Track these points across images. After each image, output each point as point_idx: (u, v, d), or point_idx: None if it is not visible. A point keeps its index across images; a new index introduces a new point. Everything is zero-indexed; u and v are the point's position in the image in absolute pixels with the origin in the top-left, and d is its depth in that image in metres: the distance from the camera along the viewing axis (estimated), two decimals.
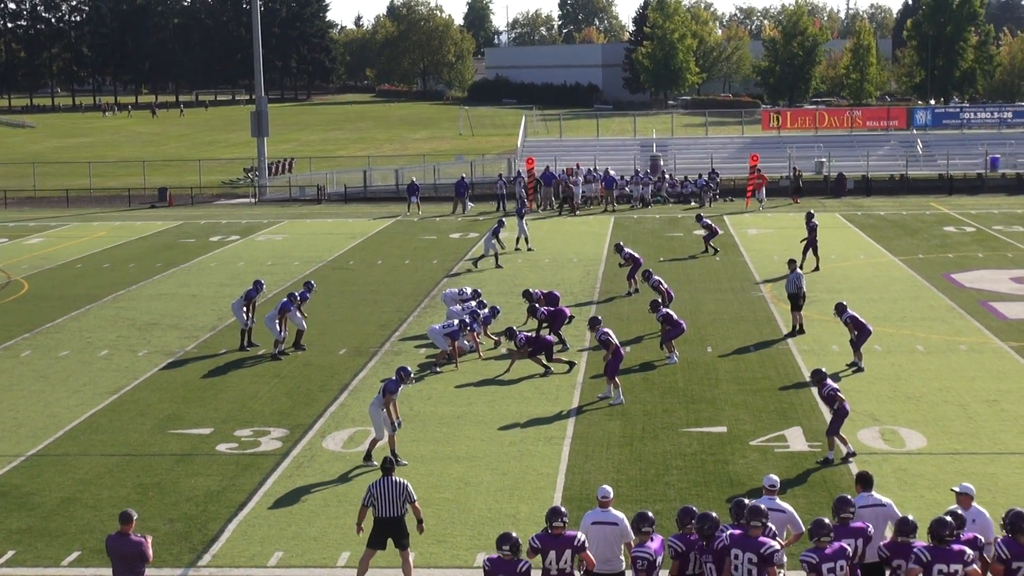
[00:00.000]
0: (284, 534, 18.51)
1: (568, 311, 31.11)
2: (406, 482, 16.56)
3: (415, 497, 16.54)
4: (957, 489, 14.91)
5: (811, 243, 40.38)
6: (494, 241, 43.57)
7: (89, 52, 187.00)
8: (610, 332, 26.00)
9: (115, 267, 44.89)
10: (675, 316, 29.14)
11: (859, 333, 27.38)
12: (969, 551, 13.31)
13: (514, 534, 13.88)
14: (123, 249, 49.82)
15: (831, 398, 21.27)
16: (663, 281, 33.09)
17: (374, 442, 21.70)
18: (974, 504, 14.78)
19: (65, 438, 23.72)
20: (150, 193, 70.44)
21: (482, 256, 44.20)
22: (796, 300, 31.34)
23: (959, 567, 13.19)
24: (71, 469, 21.77)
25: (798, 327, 31.32)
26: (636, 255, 37.43)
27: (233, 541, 18.31)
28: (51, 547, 18.16)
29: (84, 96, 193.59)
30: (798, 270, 31.93)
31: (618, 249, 38.52)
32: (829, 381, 21.53)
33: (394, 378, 21.94)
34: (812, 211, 43.44)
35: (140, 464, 22.00)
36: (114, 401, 26.29)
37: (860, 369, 27.41)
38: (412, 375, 22.79)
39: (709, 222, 45.41)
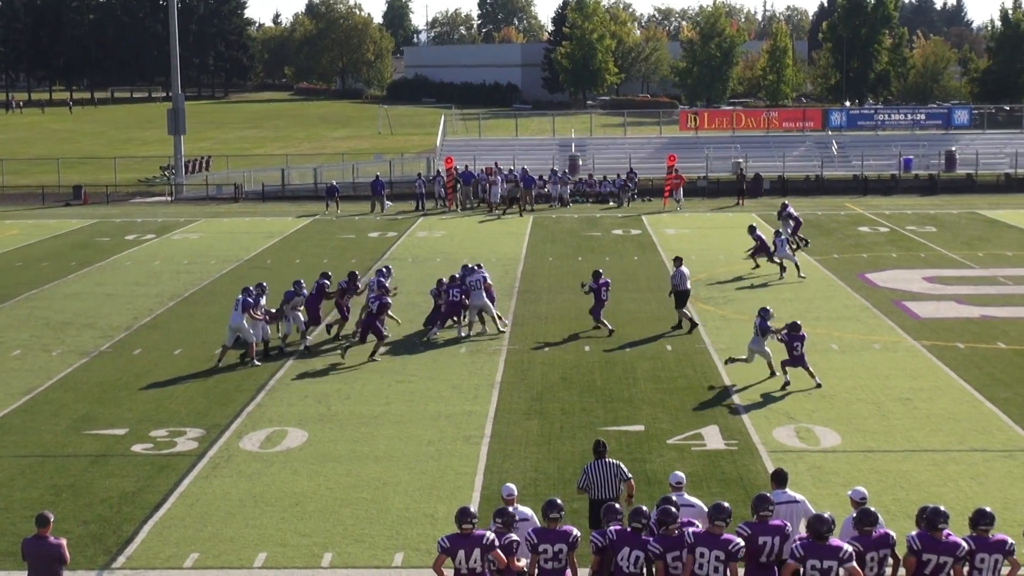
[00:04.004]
0: (200, 535, 18.33)
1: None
2: (619, 462, 16.75)
3: (629, 475, 16.71)
4: (850, 493, 15.16)
5: None
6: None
7: (1, 47, 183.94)
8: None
9: (28, 266, 44.23)
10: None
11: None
12: (847, 548, 13.34)
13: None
14: (36, 247, 49.10)
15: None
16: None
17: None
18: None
19: None
20: (64, 191, 69.41)
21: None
22: (681, 296, 32.20)
23: (833, 563, 13.23)
24: None
25: (682, 322, 32.03)
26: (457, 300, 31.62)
27: (148, 543, 18.11)
28: None
29: None
30: (682, 267, 32.42)
31: (441, 284, 31.94)
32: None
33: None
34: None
35: (53, 465, 21.69)
36: (27, 401, 25.90)
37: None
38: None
39: (760, 235, 40.90)
